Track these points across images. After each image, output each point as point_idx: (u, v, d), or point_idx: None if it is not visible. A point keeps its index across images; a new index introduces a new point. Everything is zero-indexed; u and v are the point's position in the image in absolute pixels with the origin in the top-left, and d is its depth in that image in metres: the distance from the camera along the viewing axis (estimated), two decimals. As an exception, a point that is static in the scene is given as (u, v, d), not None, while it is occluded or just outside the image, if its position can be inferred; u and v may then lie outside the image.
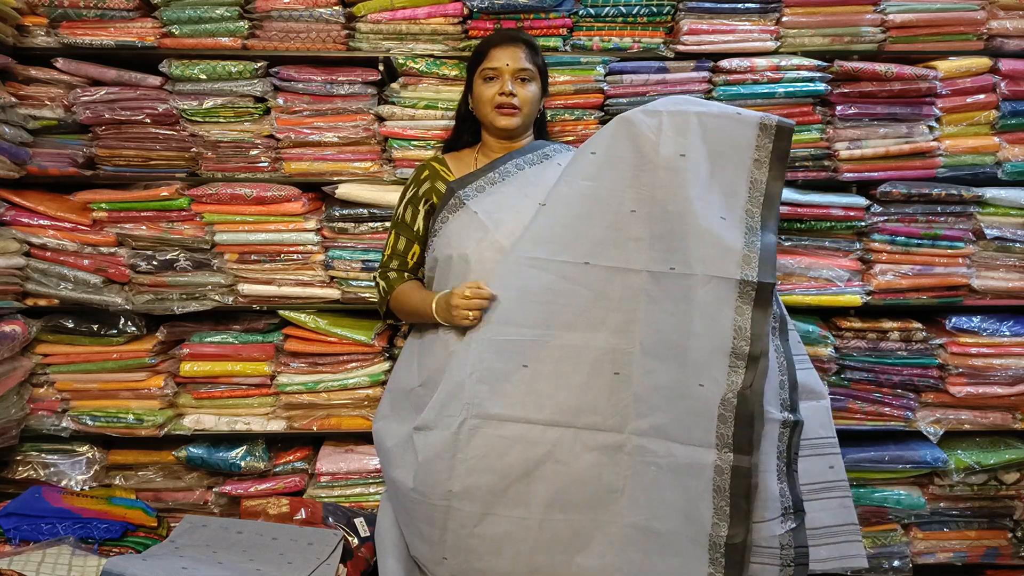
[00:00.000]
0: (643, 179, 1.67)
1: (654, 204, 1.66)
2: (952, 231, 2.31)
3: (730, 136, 1.66)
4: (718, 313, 1.57)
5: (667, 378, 1.62)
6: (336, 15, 2.23)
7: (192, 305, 2.33)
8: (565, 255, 1.70)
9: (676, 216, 1.63)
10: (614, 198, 1.69)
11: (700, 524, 1.56)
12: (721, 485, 1.54)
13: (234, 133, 2.29)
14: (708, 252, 1.59)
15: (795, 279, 2.32)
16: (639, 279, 1.67)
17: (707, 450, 1.55)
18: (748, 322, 1.55)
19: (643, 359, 1.66)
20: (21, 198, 2.26)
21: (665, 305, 1.64)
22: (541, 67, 1.97)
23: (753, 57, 2.27)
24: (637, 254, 1.67)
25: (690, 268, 1.60)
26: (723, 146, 1.66)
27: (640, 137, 1.67)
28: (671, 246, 1.64)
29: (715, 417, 1.55)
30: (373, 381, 2.37)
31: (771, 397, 1.60)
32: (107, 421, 2.35)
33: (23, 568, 1.91)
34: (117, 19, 2.23)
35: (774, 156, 1.63)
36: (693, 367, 1.58)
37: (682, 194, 1.62)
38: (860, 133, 2.30)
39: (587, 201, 1.70)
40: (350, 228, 2.31)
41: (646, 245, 1.67)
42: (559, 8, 2.26)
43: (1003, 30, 2.27)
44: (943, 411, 2.39)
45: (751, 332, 1.54)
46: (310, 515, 2.24)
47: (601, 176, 1.70)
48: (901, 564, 2.43)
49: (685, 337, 1.60)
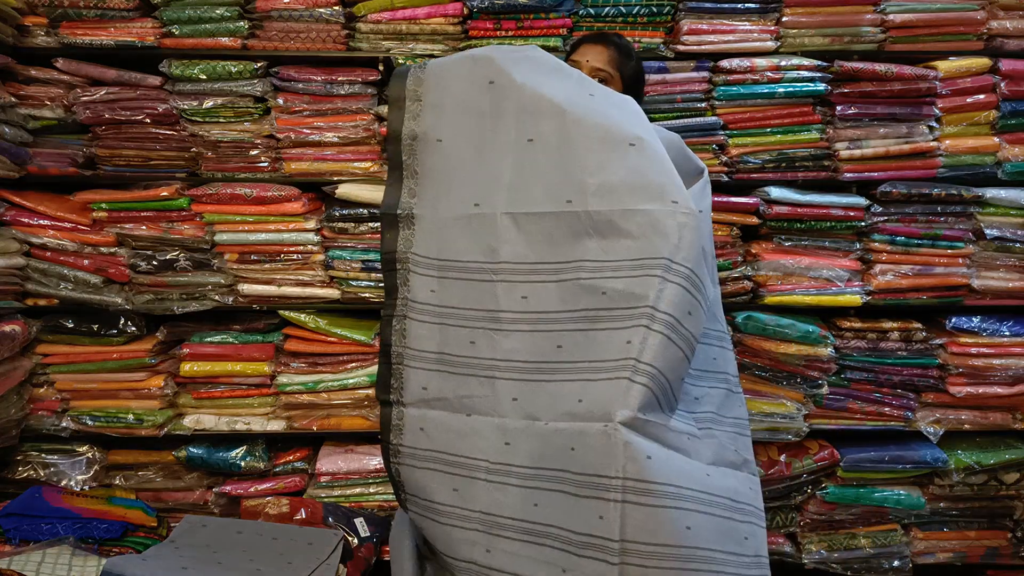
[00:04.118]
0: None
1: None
2: (952, 231, 2.31)
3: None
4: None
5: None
6: (336, 15, 2.23)
7: (192, 305, 2.33)
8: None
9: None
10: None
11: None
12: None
13: (234, 133, 2.29)
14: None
15: (795, 279, 2.32)
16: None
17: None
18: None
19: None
20: (21, 198, 2.26)
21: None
22: (628, 74, 1.81)
23: (753, 57, 2.27)
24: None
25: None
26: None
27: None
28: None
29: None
30: (373, 381, 2.36)
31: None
32: (107, 421, 2.35)
33: (23, 568, 1.91)
34: (117, 19, 2.23)
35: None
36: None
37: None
38: (860, 133, 2.30)
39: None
40: (350, 228, 2.31)
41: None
42: (559, 8, 2.26)
43: (1003, 30, 2.27)
44: (943, 411, 2.39)
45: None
46: (310, 515, 2.25)
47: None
48: (901, 564, 2.43)
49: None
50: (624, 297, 1.32)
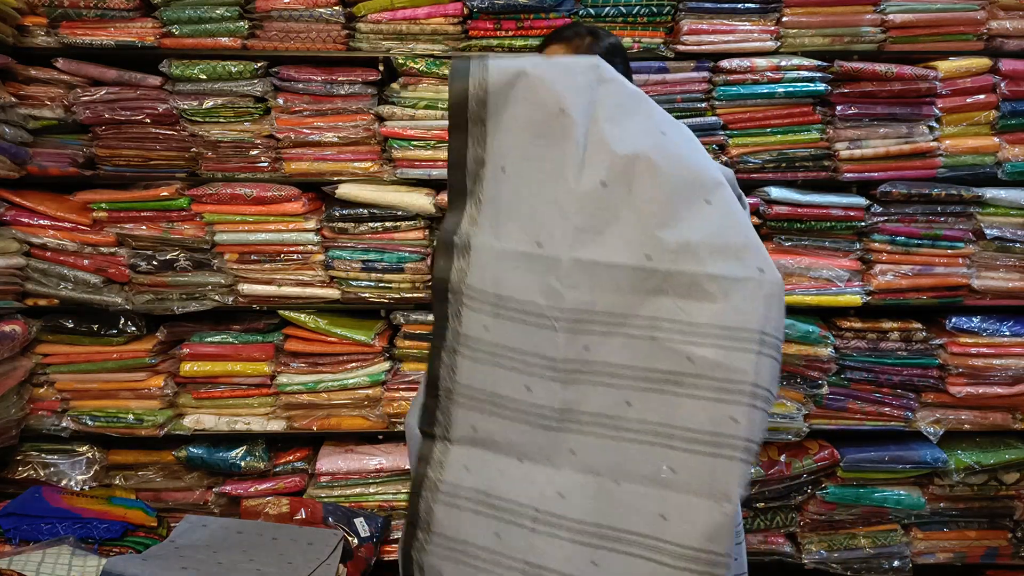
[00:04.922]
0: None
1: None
2: (952, 231, 2.31)
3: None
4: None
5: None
6: (336, 15, 2.23)
7: (192, 305, 2.33)
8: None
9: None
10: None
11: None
12: None
13: (234, 133, 2.29)
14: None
15: (795, 279, 2.32)
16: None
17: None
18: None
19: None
20: (21, 198, 2.26)
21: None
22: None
23: (753, 57, 2.26)
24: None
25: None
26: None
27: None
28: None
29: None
30: (373, 381, 2.37)
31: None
32: (107, 421, 2.35)
33: (23, 568, 1.91)
34: (117, 19, 2.23)
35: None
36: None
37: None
38: (860, 133, 2.30)
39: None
40: (350, 228, 2.31)
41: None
42: (559, 8, 2.26)
43: (1003, 30, 2.27)
44: (943, 411, 2.39)
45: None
46: (310, 515, 2.25)
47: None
48: (901, 564, 2.43)
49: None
50: (717, 368, 1.29)
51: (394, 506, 2.41)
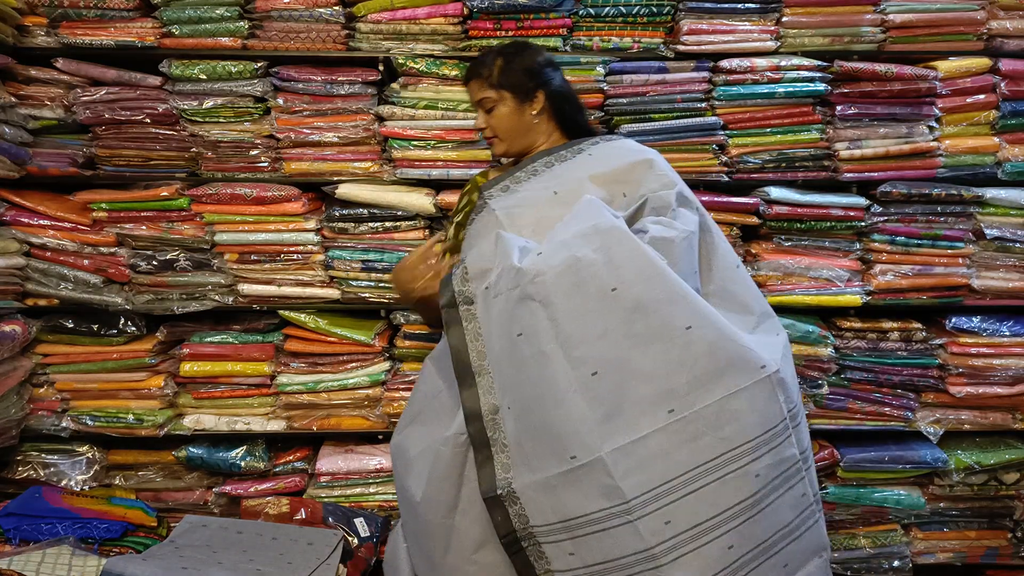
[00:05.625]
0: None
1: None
2: (952, 231, 2.31)
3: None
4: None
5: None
6: (336, 15, 2.23)
7: (192, 305, 2.33)
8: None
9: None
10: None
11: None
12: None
13: (234, 133, 2.29)
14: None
15: (795, 279, 2.32)
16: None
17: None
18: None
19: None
20: (21, 198, 2.26)
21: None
22: (507, 83, 1.76)
23: (753, 57, 2.27)
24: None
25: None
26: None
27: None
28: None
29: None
30: (373, 381, 2.37)
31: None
32: (107, 421, 2.35)
33: (23, 568, 1.91)
34: (117, 19, 2.23)
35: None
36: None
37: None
38: (860, 133, 2.30)
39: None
40: (350, 228, 2.31)
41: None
42: (559, 8, 2.26)
43: (1003, 30, 2.27)
44: (943, 411, 2.39)
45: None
46: (310, 515, 2.25)
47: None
48: (901, 564, 2.43)
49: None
50: (775, 467, 1.39)
51: (394, 506, 2.41)
